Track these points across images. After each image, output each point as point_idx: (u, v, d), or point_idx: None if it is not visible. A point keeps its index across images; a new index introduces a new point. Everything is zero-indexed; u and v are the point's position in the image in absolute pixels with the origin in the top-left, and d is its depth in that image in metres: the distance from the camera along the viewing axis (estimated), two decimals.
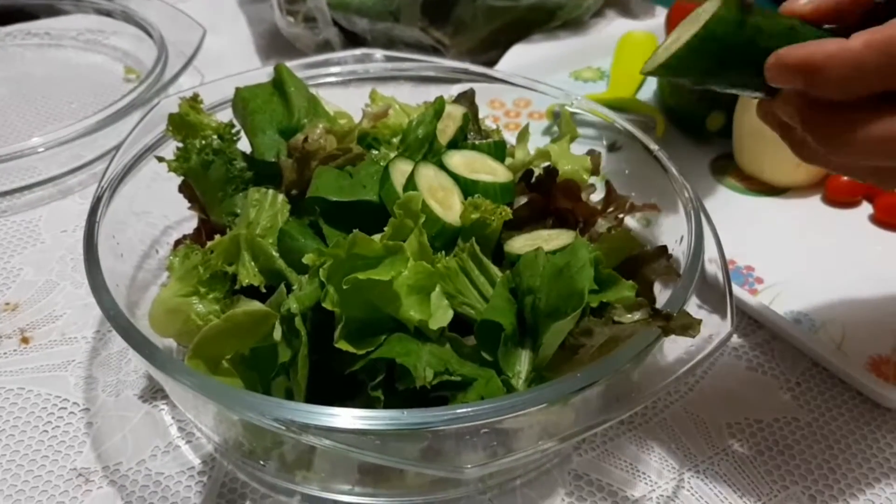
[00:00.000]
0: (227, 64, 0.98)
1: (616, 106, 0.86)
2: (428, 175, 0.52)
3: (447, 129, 0.59)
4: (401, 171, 0.52)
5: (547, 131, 0.83)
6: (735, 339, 0.63)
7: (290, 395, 0.47)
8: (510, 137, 0.68)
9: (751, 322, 0.64)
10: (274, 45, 1.03)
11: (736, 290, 0.63)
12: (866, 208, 0.75)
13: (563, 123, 0.62)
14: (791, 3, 0.45)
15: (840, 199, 0.75)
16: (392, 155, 0.55)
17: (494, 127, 0.65)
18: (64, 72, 0.99)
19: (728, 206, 0.76)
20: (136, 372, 0.59)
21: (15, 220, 0.75)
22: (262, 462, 0.50)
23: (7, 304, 0.65)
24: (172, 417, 0.56)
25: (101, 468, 0.53)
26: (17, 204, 0.77)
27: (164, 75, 0.86)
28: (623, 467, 0.54)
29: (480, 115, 0.65)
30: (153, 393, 0.58)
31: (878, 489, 0.53)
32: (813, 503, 0.52)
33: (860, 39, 0.41)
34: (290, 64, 0.65)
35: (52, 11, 1.06)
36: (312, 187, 0.53)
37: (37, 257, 0.70)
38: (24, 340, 0.62)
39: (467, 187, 0.53)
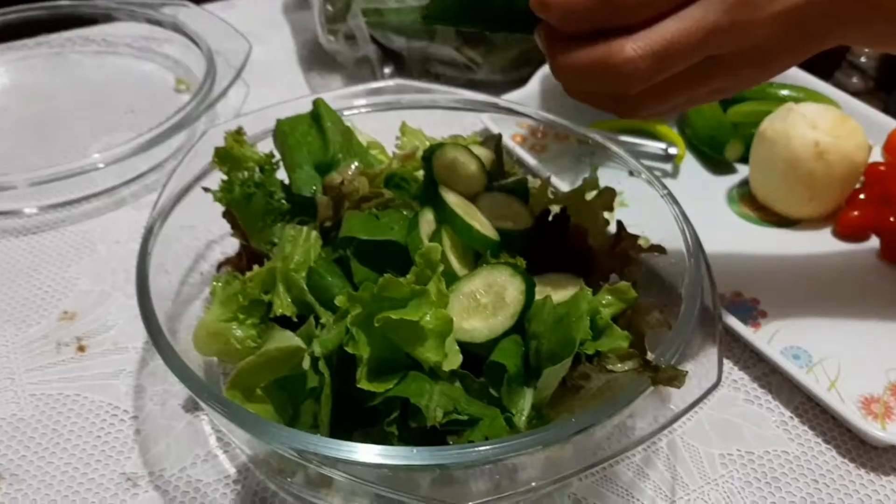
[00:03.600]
0: (272, 75, 1.03)
1: (639, 130, 0.90)
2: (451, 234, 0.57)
3: None
4: (427, 220, 0.56)
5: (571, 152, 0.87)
6: (735, 371, 0.66)
7: (317, 419, 0.52)
8: (533, 160, 0.72)
9: (752, 355, 0.67)
10: (315, 56, 1.08)
11: (738, 324, 0.67)
12: (875, 243, 0.77)
13: (589, 178, 0.66)
14: None
15: (849, 234, 0.78)
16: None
17: (519, 153, 0.69)
18: (120, 79, 1.05)
19: (740, 234, 0.79)
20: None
21: (73, 231, 0.80)
22: (288, 479, 0.55)
23: (65, 312, 0.71)
24: (211, 428, 0.62)
25: (147, 473, 0.59)
26: (75, 214, 0.82)
27: (214, 89, 0.91)
28: (619, 493, 0.58)
29: (510, 134, 0.69)
30: (195, 403, 0.63)
31: None
32: None
33: None
34: (327, 95, 0.70)
35: (109, 19, 1.11)
36: (344, 228, 0.57)
37: (92, 267, 0.76)
38: (81, 349, 0.68)
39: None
